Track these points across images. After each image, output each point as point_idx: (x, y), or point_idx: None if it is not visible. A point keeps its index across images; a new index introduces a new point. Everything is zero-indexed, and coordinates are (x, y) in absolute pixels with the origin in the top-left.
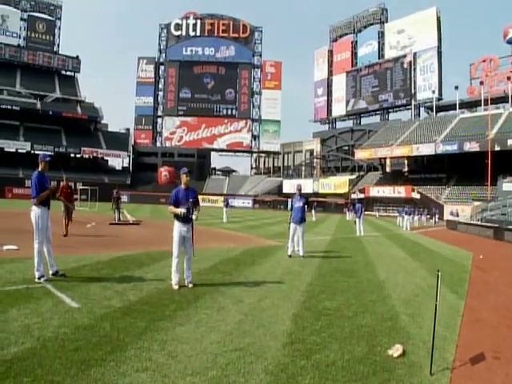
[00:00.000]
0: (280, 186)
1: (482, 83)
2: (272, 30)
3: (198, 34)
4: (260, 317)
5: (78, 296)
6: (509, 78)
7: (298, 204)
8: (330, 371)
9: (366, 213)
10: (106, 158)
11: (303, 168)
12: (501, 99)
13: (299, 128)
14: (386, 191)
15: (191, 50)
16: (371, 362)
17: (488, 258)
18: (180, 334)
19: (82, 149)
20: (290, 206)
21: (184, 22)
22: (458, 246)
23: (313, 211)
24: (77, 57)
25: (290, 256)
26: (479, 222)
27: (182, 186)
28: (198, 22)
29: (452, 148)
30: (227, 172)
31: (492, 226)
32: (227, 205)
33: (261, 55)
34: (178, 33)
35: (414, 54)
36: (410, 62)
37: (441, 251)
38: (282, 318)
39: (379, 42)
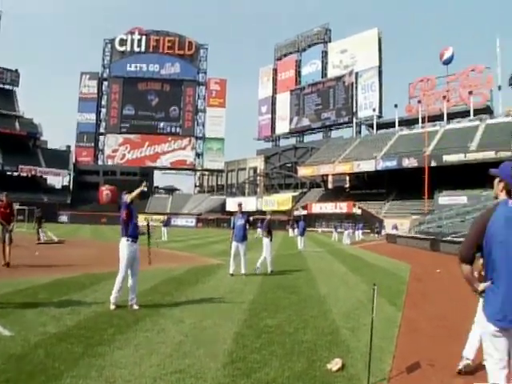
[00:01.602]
0: (223, 204)
1: (419, 102)
2: (218, 47)
3: (143, 50)
4: (201, 337)
5: (11, 323)
6: (444, 97)
7: (240, 222)
8: None
9: (309, 229)
10: (44, 176)
11: (247, 186)
12: (437, 117)
13: (243, 145)
14: (329, 207)
15: (136, 66)
16: (311, 377)
17: (425, 269)
18: (118, 359)
19: (20, 167)
20: (232, 224)
21: (129, 37)
22: (397, 258)
23: (259, 230)
24: (16, 70)
25: (232, 274)
26: (417, 235)
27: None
28: (143, 37)
29: (391, 164)
30: (170, 190)
31: (429, 238)
32: (166, 224)
33: (206, 72)
34: (123, 48)
35: (356, 73)
36: (352, 82)
37: (380, 264)
38: (223, 337)
39: (323, 61)
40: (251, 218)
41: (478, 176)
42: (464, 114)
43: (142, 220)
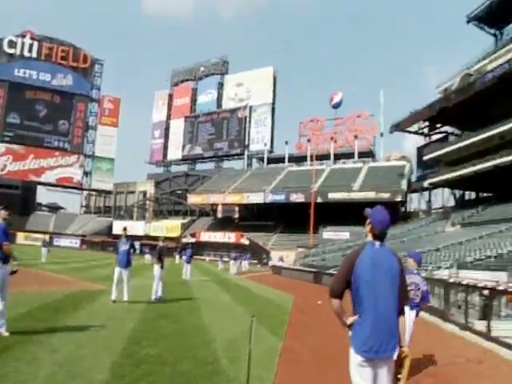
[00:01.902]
0: (110, 227)
1: (309, 140)
2: (114, 64)
3: (35, 56)
4: (76, 367)
5: None
6: (332, 139)
7: (124, 247)
8: None
9: (197, 257)
10: None
11: (135, 209)
12: (324, 156)
13: (133, 168)
14: (217, 236)
15: (24, 72)
16: None
17: (307, 300)
18: None
19: None
20: (116, 249)
21: (20, 40)
22: (282, 289)
23: (147, 255)
24: None
25: (114, 301)
26: (301, 267)
27: None
28: (36, 43)
29: (280, 198)
30: (54, 208)
31: (312, 271)
32: (46, 244)
33: (99, 89)
34: (12, 51)
35: (250, 107)
36: (246, 115)
37: (265, 295)
38: (99, 368)
39: (219, 92)
40: (137, 245)
41: (359, 214)
42: (349, 155)
43: (22, 238)
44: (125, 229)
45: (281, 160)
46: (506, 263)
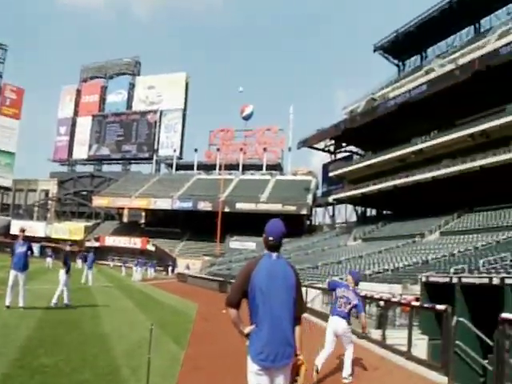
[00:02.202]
0: (8, 226)
1: (218, 150)
2: (19, 52)
3: None
4: None
5: None
6: (241, 149)
7: (21, 249)
8: None
9: (101, 262)
10: None
11: (36, 209)
12: (233, 166)
13: (35, 165)
14: (122, 241)
15: None
16: None
17: (211, 308)
18: None
19: None
20: (12, 251)
21: None
22: (187, 297)
23: (48, 259)
24: None
25: (8, 307)
26: (207, 276)
27: None
28: None
29: (187, 205)
30: None
31: (217, 280)
32: None
33: (1, 76)
34: None
35: (161, 111)
36: (156, 120)
37: (169, 302)
38: None
39: (129, 93)
40: (35, 247)
41: (265, 225)
42: (258, 167)
43: None
44: (22, 230)
45: (190, 167)
46: (401, 276)
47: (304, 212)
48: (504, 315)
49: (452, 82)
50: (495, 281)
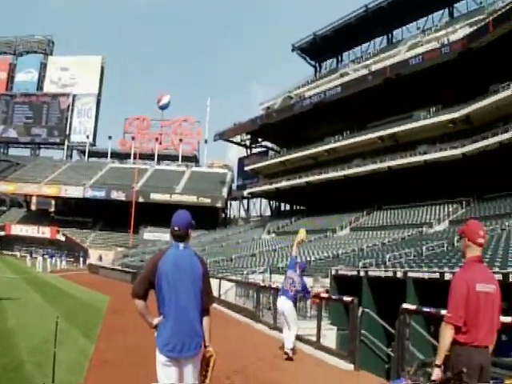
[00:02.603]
0: None
1: (133, 138)
2: None
3: None
4: None
5: None
6: (157, 139)
7: None
8: None
9: (7, 252)
10: None
11: None
12: (149, 156)
13: None
14: (30, 230)
15: None
16: None
17: (123, 301)
18: None
19: None
20: None
21: None
22: (98, 289)
23: None
24: None
25: None
26: (119, 267)
27: None
28: None
29: (100, 194)
30: None
31: (130, 271)
32: None
33: None
34: None
35: (74, 95)
36: (69, 103)
37: (79, 295)
38: None
39: (40, 73)
40: None
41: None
42: (173, 158)
43: None
44: None
45: (103, 155)
46: (313, 270)
47: (219, 205)
48: (404, 305)
49: (365, 86)
50: (399, 274)
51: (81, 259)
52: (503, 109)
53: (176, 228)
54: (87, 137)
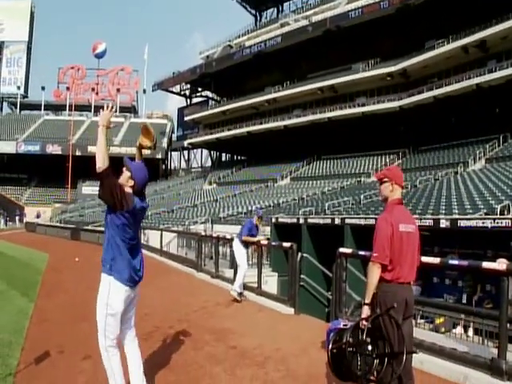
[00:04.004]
0: None
1: (68, 89)
2: None
3: None
4: None
5: None
6: (93, 90)
7: None
8: None
9: None
10: None
11: None
12: (85, 107)
13: None
14: None
15: None
16: None
17: (63, 258)
18: None
19: None
20: None
21: None
22: (36, 248)
23: None
24: None
25: None
26: (58, 224)
27: None
28: None
29: (34, 148)
30: None
31: (69, 227)
32: None
33: None
34: None
35: (2, 42)
36: None
37: (16, 254)
38: None
39: None
40: None
41: (120, 169)
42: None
43: None
44: None
45: (36, 107)
46: None
47: (159, 156)
48: (341, 249)
49: (305, 37)
50: (337, 221)
51: (17, 218)
52: (438, 64)
53: (140, 185)
54: (18, 88)
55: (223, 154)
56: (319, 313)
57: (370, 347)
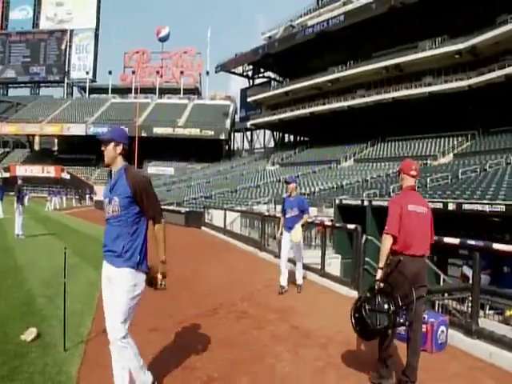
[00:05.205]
0: None
1: (134, 72)
2: None
3: None
4: None
5: None
6: (158, 73)
7: None
8: None
9: (13, 193)
10: None
11: None
12: (150, 90)
13: None
14: (35, 170)
15: None
16: (3, 351)
17: None
18: None
19: None
20: None
21: None
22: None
23: None
24: None
25: None
26: None
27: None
28: None
29: (102, 130)
30: None
31: None
32: None
33: None
34: None
35: (72, 31)
36: (66, 39)
37: (88, 231)
38: None
39: (35, 10)
40: None
41: (184, 149)
42: (175, 91)
43: None
44: None
45: (104, 91)
46: (317, 200)
47: (222, 137)
48: None
49: (369, 15)
50: None
51: (87, 196)
52: (511, 41)
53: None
54: (87, 73)
55: (286, 135)
56: None
57: (385, 304)
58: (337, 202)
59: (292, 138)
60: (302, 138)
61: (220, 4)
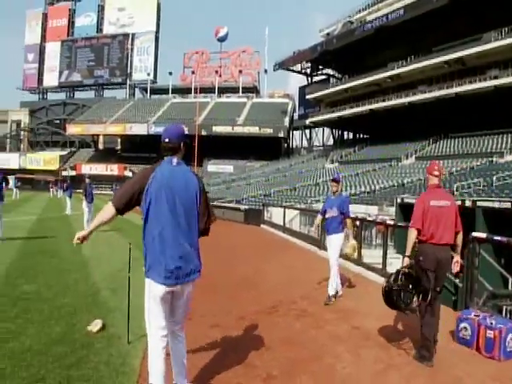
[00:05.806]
0: None
1: (193, 73)
2: None
3: None
4: None
5: None
6: (217, 72)
7: None
8: (25, 358)
9: (79, 191)
10: None
11: (8, 140)
12: (209, 89)
13: (4, 95)
14: (99, 169)
15: None
16: (70, 341)
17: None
18: None
19: None
20: None
21: None
22: None
23: (15, 189)
24: None
25: None
26: None
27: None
28: None
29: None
30: None
31: None
32: None
33: None
34: None
35: (133, 34)
36: (128, 42)
37: None
38: None
39: (99, 16)
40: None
41: (243, 148)
42: (234, 90)
43: None
44: None
45: (165, 91)
46: (378, 198)
47: (281, 135)
48: (474, 234)
49: (429, 7)
50: (467, 203)
51: None
52: None
53: (166, 140)
54: (148, 74)
55: (345, 133)
56: (445, 299)
57: (410, 286)
58: (398, 200)
59: (351, 135)
60: (361, 136)
61: (277, 3)
